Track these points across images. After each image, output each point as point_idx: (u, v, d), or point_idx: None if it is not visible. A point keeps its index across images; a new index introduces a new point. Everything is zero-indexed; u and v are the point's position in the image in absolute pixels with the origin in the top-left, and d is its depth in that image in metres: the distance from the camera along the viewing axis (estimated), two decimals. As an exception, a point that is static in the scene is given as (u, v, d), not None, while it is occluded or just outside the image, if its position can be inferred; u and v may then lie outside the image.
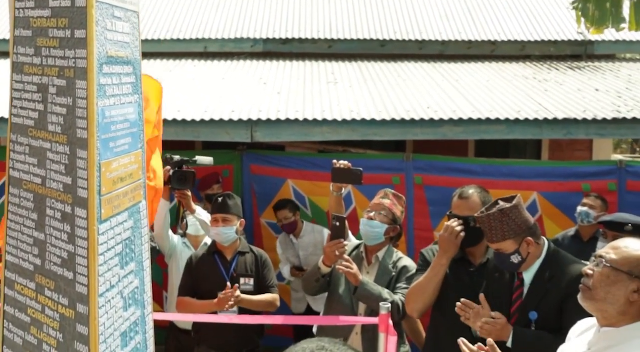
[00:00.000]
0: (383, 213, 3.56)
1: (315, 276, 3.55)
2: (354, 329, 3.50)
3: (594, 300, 2.06)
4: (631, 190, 5.62)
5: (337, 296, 3.58)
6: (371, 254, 3.63)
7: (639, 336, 2.00)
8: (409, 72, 7.92)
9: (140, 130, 2.08)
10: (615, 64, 8.82)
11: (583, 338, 2.20)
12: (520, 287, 2.98)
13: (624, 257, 2.03)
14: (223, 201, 3.98)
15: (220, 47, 8.29)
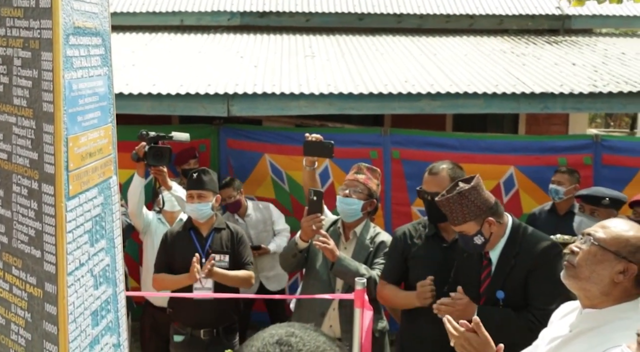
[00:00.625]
0: (358, 189, 3.53)
1: (292, 251, 3.52)
2: (332, 305, 3.49)
3: (577, 278, 2.01)
4: (606, 164, 5.66)
5: (314, 272, 3.56)
6: (348, 230, 3.61)
7: (621, 317, 1.96)
8: (387, 45, 7.86)
9: (110, 103, 2.02)
10: (591, 38, 8.84)
11: (565, 320, 2.18)
12: (488, 266, 2.98)
13: (613, 237, 1.98)
14: (198, 176, 3.93)
15: (196, 20, 8.15)
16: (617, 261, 1.95)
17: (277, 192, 5.78)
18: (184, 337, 3.90)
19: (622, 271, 1.94)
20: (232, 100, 5.42)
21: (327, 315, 3.51)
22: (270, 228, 5.19)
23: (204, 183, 3.91)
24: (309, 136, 3.83)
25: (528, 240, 2.94)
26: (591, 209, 4.03)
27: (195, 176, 3.93)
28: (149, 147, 4.00)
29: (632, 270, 1.94)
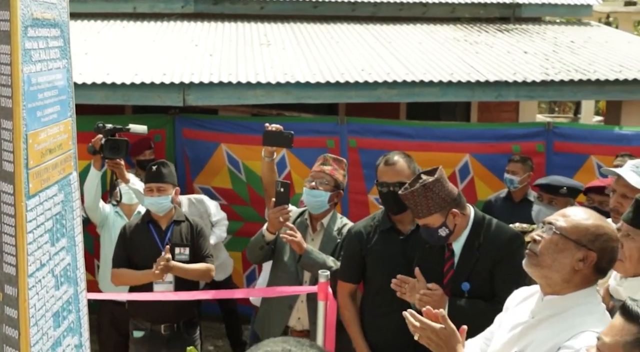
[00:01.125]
0: (325, 180, 3.51)
1: (259, 243, 3.48)
2: (300, 297, 3.48)
3: (539, 266, 2.05)
4: (558, 151, 5.78)
5: (282, 264, 3.53)
6: (316, 221, 3.59)
7: (581, 303, 2.02)
8: (342, 33, 7.85)
9: (70, 97, 1.95)
10: (541, 27, 8.99)
11: (523, 307, 2.21)
12: (451, 258, 3.00)
13: (573, 226, 2.02)
14: (157, 169, 3.85)
15: (149, 7, 7.97)
16: (577, 249, 1.99)
17: (234, 182, 5.73)
18: (143, 333, 3.83)
19: (582, 258, 1.99)
20: (187, 90, 5.33)
21: (295, 307, 3.50)
22: (207, 221, 5.12)
23: (164, 176, 3.84)
24: (268, 126, 3.79)
25: (491, 231, 2.97)
26: (549, 197, 4.10)
27: (154, 168, 3.85)
28: (105, 140, 3.90)
29: (592, 257, 1.99)
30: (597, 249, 1.99)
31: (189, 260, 3.85)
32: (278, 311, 3.52)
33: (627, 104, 6.81)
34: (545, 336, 2.01)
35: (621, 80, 6.05)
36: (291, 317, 3.51)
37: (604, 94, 6.36)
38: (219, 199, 5.66)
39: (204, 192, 5.66)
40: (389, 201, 3.28)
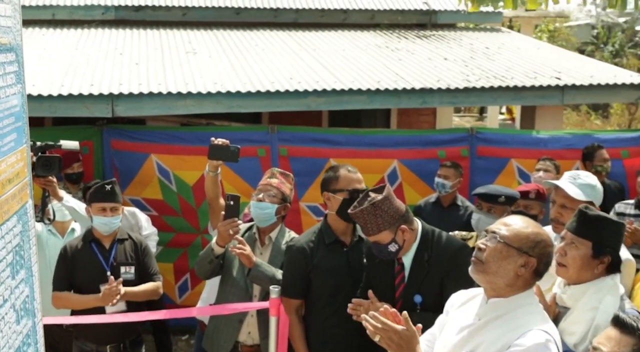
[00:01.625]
0: (272, 193, 3.51)
1: (209, 257, 3.42)
2: (250, 311, 3.46)
3: (485, 273, 2.17)
4: (481, 155, 6.00)
5: (231, 279, 3.50)
6: (264, 235, 3.58)
7: (524, 304, 2.16)
8: (266, 40, 7.86)
9: (25, 123, 1.89)
10: (456, 33, 9.31)
11: (466, 309, 2.31)
12: (401, 271, 3.05)
13: (515, 234, 2.16)
14: (112, 189, 3.75)
15: (69, 14, 7.71)
16: (519, 256, 2.15)
17: (164, 192, 5.63)
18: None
19: (524, 264, 2.15)
20: (116, 101, 5.21)
21: (245, 321, 3.48)
22: (138, 234, 5.03)
23: (117, 196, 3.75)
24: (214, 140, 3.75)
25: (439, 244, 3.04)
26: (488, 206, 4.24)
27: (108, 188, 3.74)
28: (37, 158, 3.75)
29: (532, 263, 2.15)
30: (536, 255, 2.15)
31: (135, 278, 3.77)
32: (227, 326, 3.49)
33: (541, 108, 7.17)
34: (494, 336, 2.13)
35: (536, 87, 6.35)
36: (241, 332, 3.49)
37: (520, 100, 6.65)
38: (150, 210, 5.56)
39: (134, 203, 5.53)
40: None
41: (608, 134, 6.50)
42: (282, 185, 3.55)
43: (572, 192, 3.23)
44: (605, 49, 25.82)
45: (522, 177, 5.87)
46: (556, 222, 3.27)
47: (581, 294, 2.50)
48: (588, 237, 2.49)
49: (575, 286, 2.50)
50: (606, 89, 6.58)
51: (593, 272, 2.49)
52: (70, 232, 4.25)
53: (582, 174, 3.47)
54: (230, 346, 3.47)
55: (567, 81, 6.48)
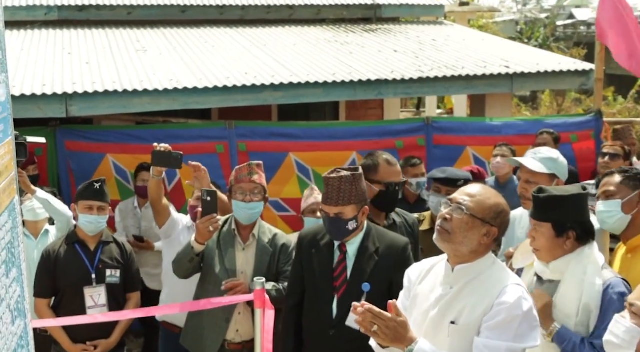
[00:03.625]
0: (256, 191, 3.45)
1: (189, 255, 3.35)
2: (237, 309, 3.40)
3: (451, 242, 2.25)
4: (437, 144, 6.09)
5: (212, 277, 3.42)
6: (244, 231, 3.52)
7: (488, 265, 2.28)
8: (214, 37, 7.77)
9: (9, 114, 1.81)
10: (401, 26, 9.42)
11: (430, 282, 2.37)
12: (344, 260, 3.04)
13: (480, 205, 2.26)
14: (100, 187, 3.66)
15: (11, 15, 7.43)
16: (482, 226, 2.25)
17: (122, 193, 5.50)
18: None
19: (486, 233, 2.26)
20: (70, 100, 5.05)
21: (232, 320, 3.42)
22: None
23: (106, 195, 3.65)
24: (157, 146, 3.65)
25: (385, 238, 3.09)
26: (447, 190, 4.29)
27: (97, 186, 3.65)
28: None
29: (494, 232, 2.27)
30: (497, 225, 2.27)
31: (120, 283, 3.68)
32: (213, 325, 3.43)
33: (490, 97, 7.32)
34: (474, 300, 2.22)
35: (487, 75, 6.47)
36: (229, 330, 3.43)
37: (471, 89, 6.77)
38: (109, 212, 5.42)
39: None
40: (390, 200, 3.36)
41: (557, 119, 6.71)
42: (262, 179, 3.51)
43: (534, 166, 3.34)
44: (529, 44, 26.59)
45: (478, 164, 5.96)
46: (523, 198, 3.37)
47: (564, 266, 2.59)
48: (546, 220, 2.61)
49: (555, 261, 2.60)
50: (552, 76, 6.78)
51: (563, 249, 2.59)
52: (44, 234, 4.11)
53: (543, 149, 3.60)
54: (217, 346, 3.41)
55: (516, 69, 6.64)
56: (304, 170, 5.81)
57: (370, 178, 3.33)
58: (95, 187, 3.65)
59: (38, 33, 7.32)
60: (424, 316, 2.31)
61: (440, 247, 2.31)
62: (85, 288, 3.55)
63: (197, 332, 3.47)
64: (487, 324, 2.17)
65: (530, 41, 26.90)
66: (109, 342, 3.63)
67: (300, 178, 5.78)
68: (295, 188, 5.76)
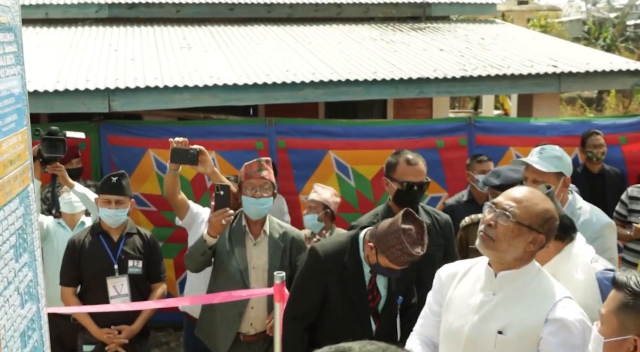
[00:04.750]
0: (266, 186, 3.50)
1: (201, 249, 3.40)
2: (250, 303, 3.45)
3: (496, 250, 2.17)
4: (479, 144, 5.98)
5: (225, 272, 3.48)
6: (254, 227, 3.57)
7: (534, 272, 2.21)
8: (260, 35, 7.84)
9: (25, 105, 1.87)
10: (451, 25, 9.30)
11: (468, 286, 2.29)
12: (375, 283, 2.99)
13: (527, 211, 2.16)
14: (118, 181, 3.74)
15: (62, 12, 7.68)
16: (529, 233, 2.16)
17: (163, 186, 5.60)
18: (94, 347, 3.70)
19: (532, 240, 2.16)
20: (113, 96, 5.18)
21: (245, 315, 3.47)
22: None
23: (123, 188, 3.73)
24: (173, 142, 3.71)
25: None
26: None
27: (114, 180, 3.73)
28: (42, 140, 3.72)
29: (540, 239, 2.17)
30: (545, 232, 2.17)
31: (142, 273, 3.76)
32: (225, 320, 3.48)
33: (537, 96, 7.15)
34: (522, 311, 2.15)
35: (533, 75, 6.33)
36: (242, 324, 3.49)
37: (517, 88, 6.64)
38: (149, 206, 5.54)
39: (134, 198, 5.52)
40: (408, 199, 3.34)
41: (606, 120, 6.49)
42: (271, 175, 3.55)
43: (541, 166, 3.27)
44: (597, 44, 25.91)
45: (522, 165, 5.86)
46: None
47: (554, 268, 2.53)
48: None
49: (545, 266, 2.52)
50: (602, 76, 6.57)
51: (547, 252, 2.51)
52: (80, 225, 4.22)
53: (547, 147, 3.53)
54: (231, 339, 3.47)
55: (564, 69, 6.47)
56: (344, 168, 5.80)
57: (390, 175, 3.38)
58: (113, 181, 3.73)
59: (88, 30, 7.53)
60: (462, 321, 2.25)
61: (483, 254, 2.24)
62: (108, 278, 3.64)
63: (210, 325, 3.55)
64: (547, 341, 2.08)
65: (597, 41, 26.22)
66: (132, 328, 3.71)
67: (339, 176, 5.77)
68: (335, 186, 5.75)
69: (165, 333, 5.93)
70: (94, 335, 3.68)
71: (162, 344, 5.76)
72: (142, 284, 3.80)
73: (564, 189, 3.30)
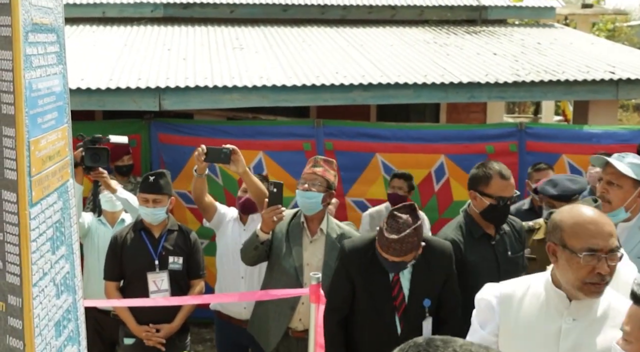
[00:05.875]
0: (317, 182, 3.51)
1: (254, 243, 3.47)
2: (301, 298, 3.50)
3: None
4: (530, 150, 5.88)
5: (280, 267, 3.53)
6: (312, 224, 3.60)
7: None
8: (313, 36, 7.87)
9: (66, 103, 1.93)
10: (507, 29, 9.14)
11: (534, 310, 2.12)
12: (399, 279, 3.09)
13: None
14: (155, 180, 3.80)
15: (119, 11, 7.89)
16: None
17: (211, 186, 5.65)
18: (135, 340, 3.79)
19: None
20: (163, 94, 5.30)
21: (296, 309, 3.53)
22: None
23: (161, 187, 3.79)
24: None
25: (431, 246, 3.11)
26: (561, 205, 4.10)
27: (151, 179, 3.80)
28: (85, 149, 3.83)
29: None
30: None
31: (182, 270, 3.83)
32: (278, 313, 3.54)
33: (594, 103, 6.96)
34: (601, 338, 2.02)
35: (589, 81, 6.18)
36: (293, 318, 3.54)
37: (572, 94, 6.49)
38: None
39: (181, 196, 5.62)
40: (500, 214, 3.29)
41: (665, 129, 6.29)
42: (326, 173, 3.56)
43: (621, 168, 3.12)
44: (667, 50, 25.01)
45: (574, 173, 5.71)
46: (603, 200, 3.17)
47: None
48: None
49: None
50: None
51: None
52: (120, 222, 4.31)
53: (629, 154, 3.37)
54: (282, 333, 3.52)
55: (622, 75, 6.29)
56: (391, 171, 5.79)
57: (480, 189, 3.24)
58: (150, 181, 3.79)
59: (143, 29, 7.70)
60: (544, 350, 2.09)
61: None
62: (149, 273, 3.71)
63: (262, 319, 3.61)
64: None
65: (667, 46, 25.33)
66: (172, 326, 3.77)
67: (386, 179, 5.75)
68: (381, 189, 5.74)
69: (210, 330, 6.01)
70: (133, 331, 3.77)
71: (206, 341, 5.84)
72: (182, 280, 3.86)
73: (638, 200, 3.14)
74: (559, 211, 2.16)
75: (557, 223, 2.07)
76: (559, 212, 2.13)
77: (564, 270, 2.04)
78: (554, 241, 2.06)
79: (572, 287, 2.03)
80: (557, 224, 2.07)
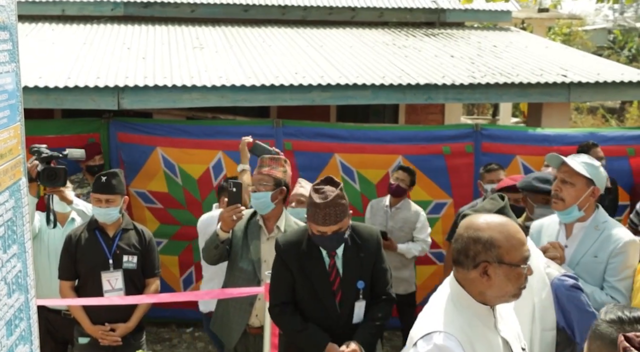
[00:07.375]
0: (263, 182, 3.59)
1: (214, 242, 3.53)
2: (257, 295, 3.56)
3: None
4: (486, 151, 5.99)
5: (239, 266, 3.60)
6: (269, 222, 3.67)
7: None
8: (274, 37, 7.90)
9: (18, 101, 1.93)
10: (465, 31, 9.30)
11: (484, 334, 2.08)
12: (335, 264, 3.19)
13: None
14: (107, 180, 3.78)
15: (78, 10, 7.81)
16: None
17: (170, 185, 5.68)
18: (89, 339, 3.77)
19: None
20: (122, 93, 5.27)
21: (255, 304, 3.59)
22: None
23: (113, 187, 3.77)
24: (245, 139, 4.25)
25: (359, 231, 3.27)
26: (543, 198, 4.18)
27: (103, 179, 3.77)
28: (42, 169, 3.76)
29: None
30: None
31: (137, 269, 3.83)
32: (239, 310, 3.60)
33: (547, 106, 7.14)
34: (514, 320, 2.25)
35: (542, 84, 6.34)
36: (251, 314, 3.60)
37: (526, 97, 6.63)
38: (155, 203, 5.61)
39: (139, 196, 5.60)
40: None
41: (613, 132, 6.48)
42: (273, 170, 3.63)
43: (575, 166, 3.20)
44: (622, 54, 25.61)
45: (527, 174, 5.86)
46: (555, 198, 3.26)
47: None
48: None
49: None
50: (613, 87, 6.56)
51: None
52: (70, 222, 4.28)
53: (583, 155, 3.47)
54: (242, 329, 3.59)
55: (574, 78, 6.46)
56: (349, 171, 5.84)
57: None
58: (102, 181, 3.77)
59: (103, 28, 7.64)
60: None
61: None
62: (103, 273, 3.71)
63: (224, 317, 3.67)
64: None
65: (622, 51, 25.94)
66: (128, 326, 3.78)
67: (344, 179, 5.81)
68: (340, 189, 5.80)
69: (168, 329, 6.00)
70: (87, 331, 3.76)
71: (165, 340, 5.83)
72: (137, 279, 3.86)
73: (591, 199, 3.21)
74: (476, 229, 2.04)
75: (489, 241, 2.00)
76: (480, 230, 2.03)
77: (501, 285, 2.01)
78: (488, 260, 2.00)
79: (509, 297, 2.05)
80: (489, 242, 2.00)
